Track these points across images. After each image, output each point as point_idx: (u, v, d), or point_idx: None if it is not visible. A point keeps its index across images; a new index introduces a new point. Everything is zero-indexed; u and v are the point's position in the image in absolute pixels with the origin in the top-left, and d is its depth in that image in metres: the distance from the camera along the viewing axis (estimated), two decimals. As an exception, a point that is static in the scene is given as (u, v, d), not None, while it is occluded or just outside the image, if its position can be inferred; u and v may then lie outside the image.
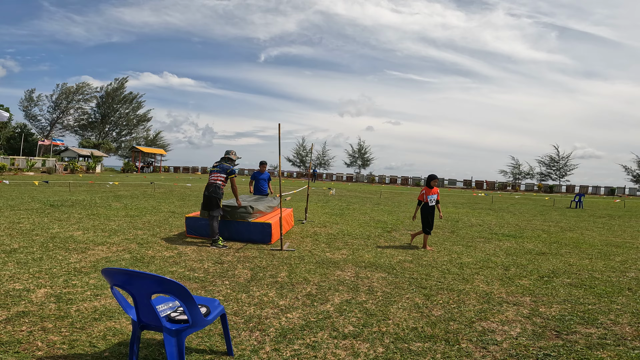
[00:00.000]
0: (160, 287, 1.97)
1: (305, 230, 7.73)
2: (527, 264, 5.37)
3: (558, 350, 2.65)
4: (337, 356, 2.58)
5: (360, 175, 50.12)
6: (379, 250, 6.07)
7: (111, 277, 2.06)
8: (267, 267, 4.83)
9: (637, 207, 19.19)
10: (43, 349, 2.49)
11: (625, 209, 17.88)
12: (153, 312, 2.03)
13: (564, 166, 46.80)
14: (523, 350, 2.66)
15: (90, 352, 2.48)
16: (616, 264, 5.53)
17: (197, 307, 2.06)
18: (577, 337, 2.90)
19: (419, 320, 3.22)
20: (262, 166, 8.49)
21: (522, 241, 7.35)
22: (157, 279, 1.96)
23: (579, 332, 3.01)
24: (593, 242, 7.53)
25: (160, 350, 2.56)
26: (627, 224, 11.04)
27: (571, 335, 2.96)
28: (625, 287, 4.30)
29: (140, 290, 2.01)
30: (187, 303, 2.01)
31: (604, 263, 5.56)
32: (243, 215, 6.35)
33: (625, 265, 5.44)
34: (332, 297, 3.78)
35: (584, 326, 3.15)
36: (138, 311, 2.11)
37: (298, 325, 3.05)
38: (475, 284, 4.34)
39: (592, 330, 3.06)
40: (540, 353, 2.61)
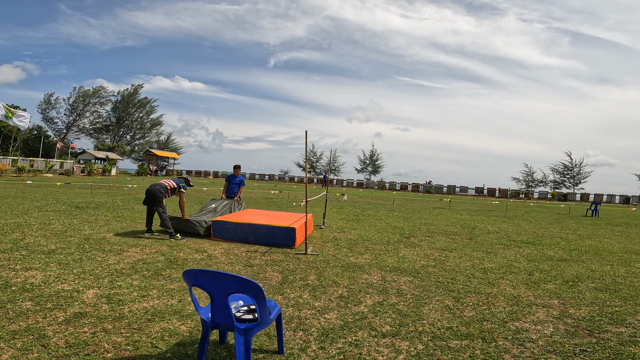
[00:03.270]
0: (239, 286, 2.11)
1: (325, 235, 7.88)
2: (550, 270, 5.45)
3: (593, 347, 2.78)
4: (381, 353, 2.72)
5: (371, 181, 50.11)
6: (400, 255, 6.19)
7: (193, 278, 2.21)
8: (295, 270, 4.99)
9: (655, 216, 18.95)
10: (110, 350, 2.62)
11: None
12: (227, 312, 2.17)
13: (577, 174, 46.23)
14: (559, 347, 2.78)
15: (154, 353, 2.62)
16: (637, 270, 5.58)
17: (266, 306, 2.19)
18: (609, 335, 3.02)
19: (452, 320, 3.34)
20: (236, 170, 9.07)
21: (541, 248, 7.39)
22: (237, 278, 2.11)
23: (610, 331, 3.12)
24: (612, 249, 7.54)
25: (216, 349, 2.71)
26: (646, 232, 10.97)
27: (603, 333, 3.08)
28: None
29: (219, 290, 2.15)
30: (260, 302, 2.14)
31: (626, 269, 5.61)
32: (196, 229, 6.92)
33: None
34: (364, 299, 3.92)
35: (613, 326, 3.27)
36: (213, 311, 2.25)
37: (337, 325, 3.19)
38: (502, 287, 4.44)
39: (622, 330, 3.17)
40: (576, 349, 2.74)
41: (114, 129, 53.64)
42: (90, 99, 51.15)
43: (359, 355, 2.67)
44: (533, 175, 48.12)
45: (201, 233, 6.91)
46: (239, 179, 9.12)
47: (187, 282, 2.29)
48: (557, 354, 2.68)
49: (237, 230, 6.66)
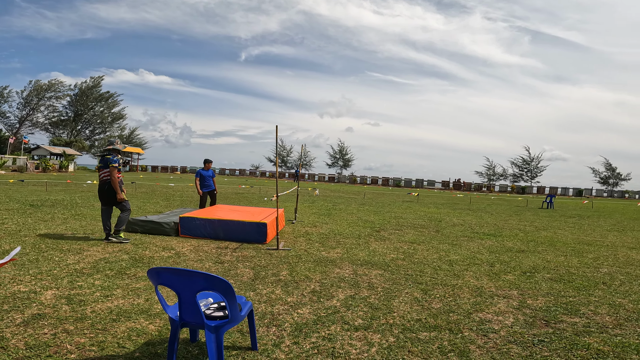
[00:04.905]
0: (207, 283, 2.07)
1: (297, 230, 7.88)
2: (509, 261, 5.74)
3: (550, 337, 2.94)
4: (354, 347, 2.77)
5: (342, 175, 50.65)
6: (371, 249, 6.31)
7: (158, 277, 2.14)
8: (267, 266, 4.96)
9: (604, 208, 20.47)
10: (74, 351, 2.52)
11: (594, 209, 19.04)
12: (196, 310, 2.14)
13: (534, 168, 49.13)
14: (519, 337, 2.93)
15: (121, 353, 2.53)
16: (589, 260, 5.99)
17: (237, 303, 2.17)
18: (564, 326, 3.21)
19: (421, 312, 3.46)
20: (208, 164, 9.11)
21: (501, 240, 7.78)
22: (205, 276, 2.07)
23: (565, 322, 3.31)
24: (566, 240, 8.06)
25: (187, 348, 2.66)
26: (596, 223, 11.84)
27: (559, 324, 3.26)
28: (600, 282, 4.69)
29: (187, 288, 2.11)
30: (230, 299, 2.12)
31: (578, 260, 6.01)
32: (167, 231, 6.62)
33: (597, 261, 5.91)
34: (336, 293, 3.97)
35: (568, 316, 3.46)
36: (181, 309, 2.21)
37: (310, 320, 3.22)
38: (466, 279, 4.63)
39: (576, 320, 3.37)
40: (535, 339, 2.90)
41: (71, 123, 50.70)
42: (45, 93, 47.94)
43: (333, 349, 2.71)
44: (494, 169, 50.62)
45: (172, 235, 6.68)
46: (211, 172, 9.12)
47: (153, 281, 2.23)
48: (518, 345, 2.82)
49: (207, 227, 6.51)
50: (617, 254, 6.53)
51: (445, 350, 2.71)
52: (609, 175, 49.02)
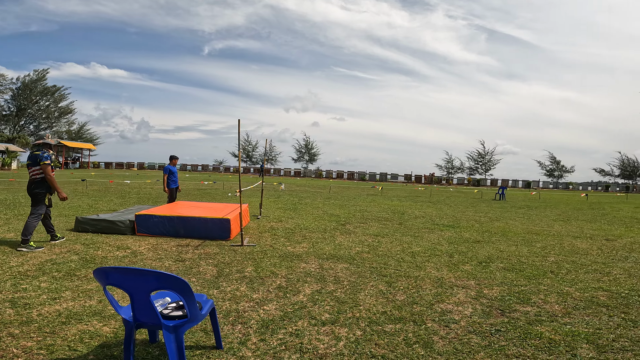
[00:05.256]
0: (161, 283, 1.97)
1: (262, 226, 7.77)
2: (466, 251, 6.00)
3: (506, 327, 3.08)
4: (321, 341, 2.77)
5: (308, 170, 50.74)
6: (337, 242, 6.36)
7: (106, 277, 2.00)
8: (231, 262, 4.84)
9: (551, 199, 22.08)
10: (21, 355, 2.34)
11: (541, 200, 20.48)
12: (151, 310, 2.03)
13: (488, 161, 52.09)
14: (478, 327, 3.05)
15: (73, 356, 2.37)
16: (538, 249, 6.39)
17: (195, 301, 2.10)
18: (518, 315, 3.36)
19: (386, 305, 3.52)
20: (175, 160, 8.99)
21: (459, 231, 8.13)
22: (158, 274, 1.96)
23: (519, 311, 3.46)
24: (517, 230, 8.57)
25: (147, 349, 2.53)
26: (543, 213, 12.72)
27: (513, 313, 3.40)
28: (548, 270, 5.00)
29: (139, 287, 1.99)
30: (187, 298, 2.04)
31: (528, 249, 6.38)
32: (122, 230, 6.28)
33: (545, 250, 6.32)
34: (303, 288, 3.95)
35: (521, 305, 3.61)
36: (134, 310, 2.08)
37: (277, 316, 3.18)
38: (428, 270, 4.79)
39: (528, 309, 3.51)
40: (492, 329, 3.02)
41: (13, 118, 46.60)
42: (-17, 87, 43.59)
43: (300, 345, 2.70)
44: (453, 163, 53.09)
45: (127, 233, 6.31)
46: (175, 169, 8.99)
47: (100, 282, 2.11)
48: (477, 334, 2.94)
49: (166, 224, 6.23)
50: (563, 242, 7.03)
51: (410, 342, 2.77)
52: (554, 168, 53.17)
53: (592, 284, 4.31)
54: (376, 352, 2.63)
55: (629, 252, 6.20)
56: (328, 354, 2.58)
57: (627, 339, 2.90)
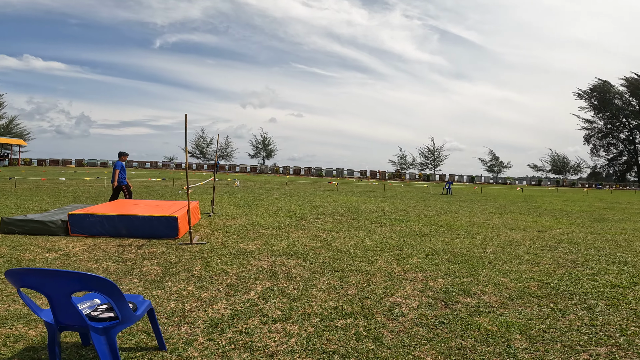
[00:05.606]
0: (83, 284, 1.85)
1: (214, 223, 7.51)
2: (415, 245, 6.23)
3: (449, 318, 3.20)
4: (272, 339, 2.73)
5: (265, 166, 50.14)
6: (291, 238, 6.32)
7: (19, 279, 1.81)
8: (178, 261, 4.61)
9: (491, 193, 23.79)
10: None
11: (482, 194, 21.98)
12: (74, 312, 1.89)
13: (437, 157, 55.06)
14: (424, 320, 3.15)
15: None
16: (478, 241, 6.79)
17: (126, 302, 2.00)
18: (459, 307, 3.46)
19: (338, 300, 3.56)
20: (125, 156, 8.76)
21: (409, 224, 8.46)
22: (79, 275, 1.83)
23: (460, 302, 3.58)
24: (461, 223, 9.08)
25: (79, 352, 2.38)
26: (484, 207, 13.64)
27: (455, 304, 3.52)
28: (487, 262, 5.21)
29: (58, 290, 1.83)
30: (115, 298, 1.94)
31: (470, 241, 6.76)
32: (54, 231, 5.82)
33: (484, 242, 6.73)
34: (254, 285, 3.87)
35: (462, 296, 3.74)
36: (55, 312, 1.92)
37: (227, 315, 3.09)
38: (379, 264, 4.91)
39: (469, 300, 3.64)
40: (437, 321, 3.13)
41: None
42: None
43: (251, 343, 2.65)
44: (405, 159, 55.42)
45: (60, 234, 5.77)
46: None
47: (14, 284, 1.95)
48: (423, 327, 3.03)
49: (104, 224, 5.79)
50: (500, 234, 7.57)
51: (360, 336, 2.81)
52: (494, 164, 57.57)
53: (525, 275, 4.59)
54: (327, 347, 2.64)
55: (557, 242, 6.81)
56: (279, 352, 2.55)
57: (556, 329, 3.03)
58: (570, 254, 5.78)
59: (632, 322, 3.19)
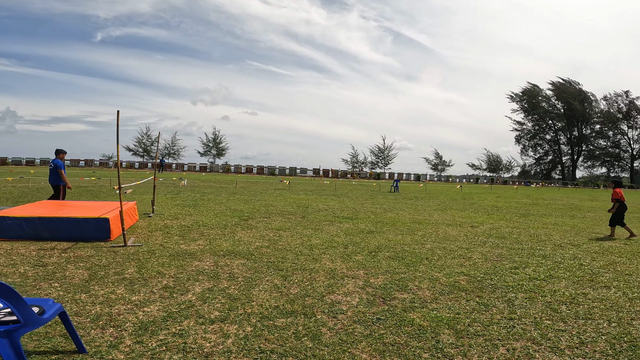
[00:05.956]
0: None
1: (154, 224, 7.11)
2: (360, 242, 6.35)
3: (385, 314, 3.27)
4: (208, 340, 2.66)
5: (215, 165, 48.64)
6: (236, 238, 6.17)
7: None
8: (109, 265, 4.31)
9: (434, 190, 25.17)
10: None
11: (427, 192, 23.19)
12: None
13: (387, 156, 57.26)
14: (362, 317, 3.20)
15: None
16: (418, 237, 7.07)
17: (25, 305, 1.96)
18: (396, 302, 3.53)
19: (280, 299, 3.54)
20: (62, 154, 8.40)
21: (357, 222, 8.65)
22: None
23: (397, 298, 3.66)
24: (404, 220, 9.42)
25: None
26: (427, 204, 14.38)
27: (392, 300, 3.59)
28: (424, 257, 5.37)
29: None
30: (13, 302, 1.89)
31: (411, 237, 7.01)
32: None
33: (424, 238, 7.04)
34: (193, 287, 3.73)
35: (399, 292, 3.82)
36: None
37: (159, 317, 2.96)
38: (323, 262, 4.95)
39: (405, 296, 3.73)
40: (374, 317, 3.19)
41: None
42: None
43: (184, 345, 2.56)
44: (357, 157, 56.92)
45: None
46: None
47: None
48: (361, 324, 3.04)
49: (24, 227, 5.24)
50: (438, 230, 8.00)
51: (299, 335, 2.82)
52: (438, 163, 61.23)
53: (456, 269, 4.80)
54: (265, 347, 2.62)
55: (487, 237, 7.36)
56: (214, 352, 2.49)
57: (479, 323, 3.14)
58: (497, 248, 6.26)
59: (546, 315, 3.37)
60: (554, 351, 2.70)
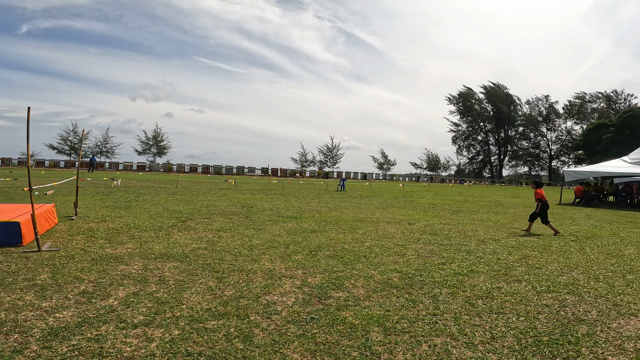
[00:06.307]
0: None
1: (76, 227, 6.52)
2: (302, 241, 6.31)
3: (319, 314, 3.27)
4: (129, 344, 2.53)
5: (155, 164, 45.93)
6: (171, 240, 5.87)
7: None
8: (18, 271, 3.89)
9: (379, 189, 26.10)
10: None
11: (371, 190, 23.97)
12: None
13: (335, 155, 58.45)
14: (297, 317, 3.19)
15: None
16: (358, 235, 7.19)
17: None
18: (331, 301, 3.53)
19: (212, 301, 3.42)
20: None
21: (301, 221, 8.62)
22: None
23: (333, 297, 3.65)
24: (347, 219, 9.52)
25: None
26: (370, 202, 14.79)
27: (327, 299, 3.58)
28: (362, 255, 5.38)
29: None
30: None
31: (352, 236, 7.10)
32: None
33: (364, 236, 7.17)
34: (115, 291, 3.50)
35: (335, 291, 3.83)
36: None
37: (73, 323, 2.78)
38: (262, 263, 4.86)
39: (340, 294, 3.73)
40: (308, 317, 3.19)
41: None
42: None
43: (101, 349, 2.42)
44: (306, 157, 57.35)
45: None
46: None
47: None
48: (294, 324, 3.01)
49: None
50: (378, 228, 8.23)
51: (230, 337, 2.75)
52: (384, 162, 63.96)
53: (391, 266, 4.85)
54: (193, 350, 2.53)
55: (421, 234, 7.73)
56: (135, 356, 2.37)
57: (406, 319, 3.19)
58: (429, 245, 6.60)
59: (465, 310, 3.47)
60: (469, 347, 2.77)
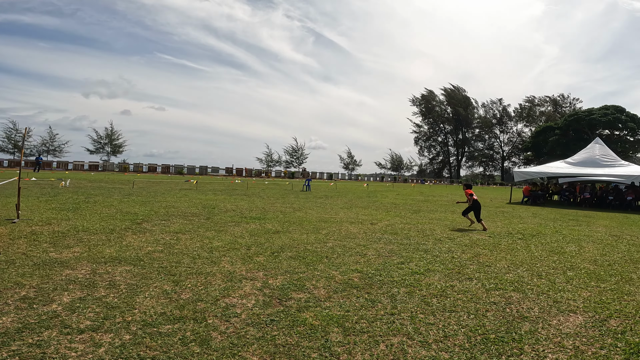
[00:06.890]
0: None
1: (18, 231, 6.03)
2: (264, 243, 6.20)
3: (280, 315, 3.23)
4: (74, 350, 2.41)
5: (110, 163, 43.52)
6: (124, 244, 5.59)
7: None
8: (-53, 282, 3.51)
9: (344, 188, 26.41)
10: None
11: (337, 190, 24.20)
12: None
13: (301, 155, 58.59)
14: (256, 319, 3.13)
15: None
16: (322, 236, 7.13)
17: None
18: (292, 303, 3.50)
19: (167, 305, 3.31)
20: None
21: (264, 222, 8.47)
22: None
23: (294, 298, 3.62)
24: (311, 219, 9.45)
25: None
26: (335, 202, 14.84)
27: (288, 301, 3.55)
28: (324, 256, 5.35)
29: None
30: None
31: (315, 236, 7.03)
32: None
33: (327, 237, 7.14)
34: (59, 297, 3.31)
35: (296, 292, 3.79)
36: None
37: (12, 329, 2.63)
38: (222, 265, 4.73)
39: (301, 295, 3.70)
40: (268, 319, 3.14)
41: None
42: None
43: (43, 355, 2.31)
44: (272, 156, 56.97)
45: None
46: None
47: None
48: (254, 326, 2.97)
49: None
50: (341, 228, 8.25)
51: (187, 340, 2.68)
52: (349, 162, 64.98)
53: (352, 266, 4.86)
54: (145, 354, 2.45)
55: (382, 233, 7.85)
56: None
57: (365, 320, 3.19)
58: (390, 244, 6.70)
59: (421, 309, 3.51)
60: (423, 346, 2.81)
